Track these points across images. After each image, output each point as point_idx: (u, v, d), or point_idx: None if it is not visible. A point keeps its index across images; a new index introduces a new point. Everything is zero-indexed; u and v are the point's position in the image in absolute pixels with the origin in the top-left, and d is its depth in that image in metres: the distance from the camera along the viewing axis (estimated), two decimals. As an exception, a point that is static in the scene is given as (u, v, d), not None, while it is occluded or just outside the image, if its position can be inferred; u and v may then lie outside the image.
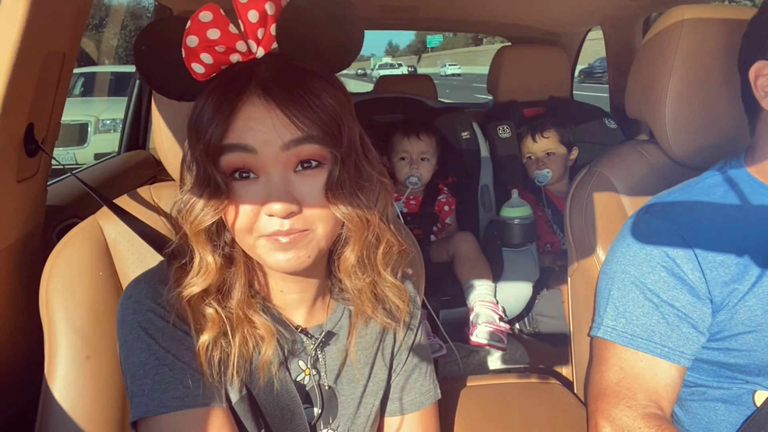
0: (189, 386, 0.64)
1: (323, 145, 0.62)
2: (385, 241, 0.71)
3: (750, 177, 0.89)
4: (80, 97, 6.70)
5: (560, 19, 2.53)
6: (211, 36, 0.61)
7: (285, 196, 0.61)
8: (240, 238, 0.65)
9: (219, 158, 0.61)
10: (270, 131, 0.60)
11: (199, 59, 0.62)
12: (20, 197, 0.93)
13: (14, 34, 0.73)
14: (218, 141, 0.60)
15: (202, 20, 0.61)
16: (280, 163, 0.62)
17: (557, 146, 2.04)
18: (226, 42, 0.62)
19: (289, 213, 0.61)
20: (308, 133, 0.61)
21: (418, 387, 0.83)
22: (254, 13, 0.61)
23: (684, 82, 1.01)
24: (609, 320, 0.89)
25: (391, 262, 0.74)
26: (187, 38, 0.61)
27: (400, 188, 1.97)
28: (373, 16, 2.58)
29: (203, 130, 0.61)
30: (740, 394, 0.86)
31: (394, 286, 0.76)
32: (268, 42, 0.64)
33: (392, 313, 0.78)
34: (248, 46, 0.63)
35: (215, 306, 0.67)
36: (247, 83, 0.61)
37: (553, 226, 2.01)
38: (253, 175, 0.63)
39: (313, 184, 0.63)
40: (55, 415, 0.81)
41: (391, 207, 0.72)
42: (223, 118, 0.60)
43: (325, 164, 0.63)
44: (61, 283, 0.84)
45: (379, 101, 2.23)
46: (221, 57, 0.63)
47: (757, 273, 0.82)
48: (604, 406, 0.85)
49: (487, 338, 1.60)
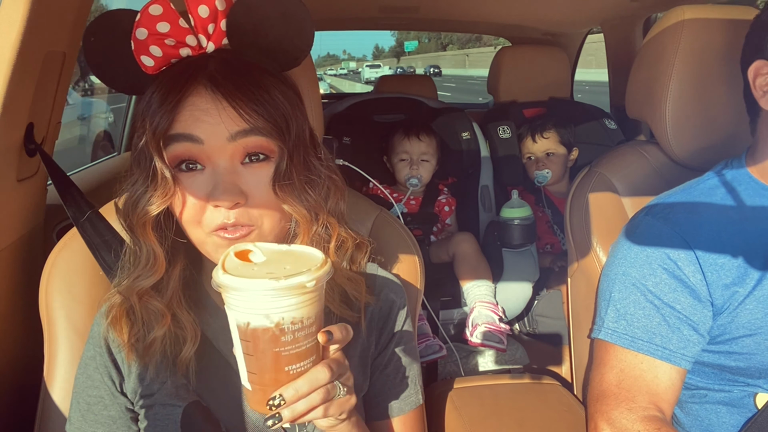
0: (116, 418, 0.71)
1: (270, 137, 0.62)
2: (335, 236, 0.71)
3: (751, 178, 0.89)
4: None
5: (560, 19, 2.53)
6: (160, 29, 0.61)
7: (231, 186, 0.61)
8: (189, 231, 0.66)
9: (165, 148, 0.61)
10: (217, 122, 0.61)
11: (149, 52, 0.62)
12: (20, 197, 0.93)
13: (14, 34, 0.73)
14: (164, 131, 0.61)
15: (152, 13, 0.61)
16: (227, 155, 0.62)
17: (557, 147, 2.04)
18: (176, 35, 0.62)
19: (234, 204, 0.61)
20: (255, 125, 0.61)
21: (398, 392, 0.80)
22: (204, 8, 0.62)
23: (684, 83, 1.00)
24: (610, 322, 0.89)
25: (346, 256, 0.74)
26: (136, 30, 0.61)
27: (400, 189, 1.97)
28: (374, 16, 2.58)
29: (149, 120, 0.61)
30: (741, 396, 0.86)
31: (350, 279, 0.73)
32: (218, 37, 0.64)
33: (352, 305, 0.76)
34: (198, 40, 0.64)
35: (160, 300, 0.68)
36: (195, 75, 0.61)
37: (554, 226, 2.01)
38: (200, 167, 0.63)
39: (259, 177, 0.63)
40: (54, 415, 0.81)
41: (342, 203, 0.72)
42: (170, 108, 0.60)
43: (272, 158, 0.64)
44: (61, 283, 0.84)
45: (379, 101, 2.23)
46: (171, 50, 0.63)
47: (757, 276, 0.82)
48: (604, 408, 0.85)
49: (486, 339, 1.60)
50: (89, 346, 0.73)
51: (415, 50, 53.11)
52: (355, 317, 0.74)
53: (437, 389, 1.10)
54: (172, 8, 0.61)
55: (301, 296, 0.52)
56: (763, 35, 0.84)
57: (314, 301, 0.54)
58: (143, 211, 0.63)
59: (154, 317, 0.68)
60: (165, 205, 0.63)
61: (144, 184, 0.63)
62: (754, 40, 0.86)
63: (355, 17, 2.74)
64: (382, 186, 1.82)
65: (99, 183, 1.59)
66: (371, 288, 0.78)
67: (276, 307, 0.51)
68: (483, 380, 1.14)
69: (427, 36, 53.84)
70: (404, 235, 0.95)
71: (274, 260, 0.56)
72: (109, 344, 0.71)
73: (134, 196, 0.65)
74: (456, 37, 45.31)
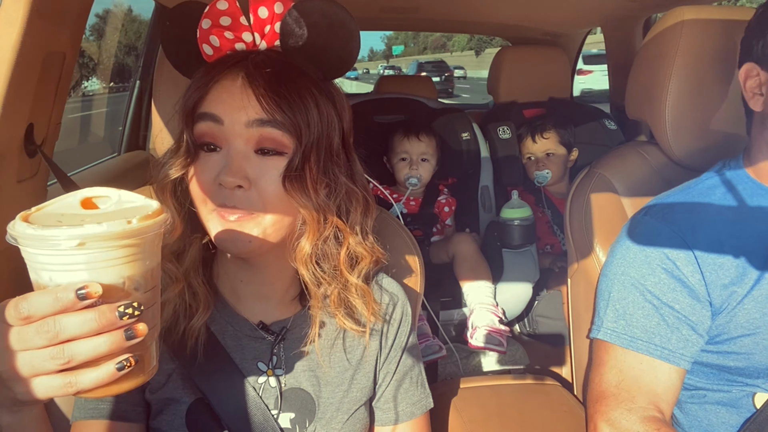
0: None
1: (286, 132, 0.65)
2: (346, 245, 0.72)
3: (748, 178, 0.89)
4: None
5: (560, 20, 2.53)
6: (223, 22, 0.67)
7: (237, 169, 0.64)
8: (197, 206, 0.68)
9: (193, 126, 0.66)
10: (239, 106, 0.64)
11: (209, 41, 0.68)
12: (20, 198, 0.93)
13: (14, 35, 0.73)
14: (192, 107, 0.66)
15: (219, 7, 0.67)
16: (242, 139, 0.65)
17: (557, 147, 2.05)
18: (234, 30, 0.68)
19: (236, 186, 0.63)
20: (273, 117, 0.64)
21: (409, 397, 0.81)
22: (264, 9, 0.67)
23: (684, 83, 1.01)
24: (609, 322, 0.89)
25: (361, 272, 0.74)
26: (203, 20, 0.67)
27: (400, 189, 1.97)
28: (374, 16, 2.58)
29: (185, 96, 0.67)
30: (740, 396, 0.86)
31: (360, 288, 0.74)
32: (271, 38, 0.69)
33: (359, 319, 0.76)
34: (254, 38, 0.69)
35: (176, 266, 0.69)
36: (237, 62, 0.66)
37: (554, 227, 2.01)
38: (219, 148, 0.66)
39: (269, 168, 0.65)
40: (54, 415, 0.81)
41: (368, 219, 0.74)
42: (202, 86, 0.66)
43: (285, 154, 0.66)
44: (61, 284, 0.83)
45: (379, 102, 2.23)
46: (228, 43, 0.68)
47: (756, 276, 0.82)
48: (603, 408, 0.85)
49: (485, 341, 1.60)
50: None
51: (401, 53, 60.89)
52: (359, 331, 0.75)
53: (437, 390, 1.10)
54: (237, 6, 0.67)
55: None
56: (752, 39, 0.85)
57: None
58: (164, 174, 0.67)
59: (169, 280, 0.69)
60: (181, 172, 0.67)
61: (170, 154, 0.69)
62: (746, 42, 0.87)
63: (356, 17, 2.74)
64: (381, 186, 1.82)
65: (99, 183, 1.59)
66: (379, 303, 0.78)
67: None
68: (483, 381, 1.14)
69: (412, 42, 65.61)
70: (404, 235, 0.95)
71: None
72: None
73: (161, 161, 0.69)
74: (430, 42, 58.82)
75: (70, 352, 0.44)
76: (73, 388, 0.45)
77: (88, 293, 0.43)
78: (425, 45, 61.82)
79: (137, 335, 0.45)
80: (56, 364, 0.45)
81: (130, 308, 0.45)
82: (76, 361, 0.45)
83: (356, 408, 0.77)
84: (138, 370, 0.48)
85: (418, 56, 58.07)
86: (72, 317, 0.44)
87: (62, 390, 0.46)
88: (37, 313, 0.44)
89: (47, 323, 0.44)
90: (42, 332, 0.44)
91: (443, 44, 52.54)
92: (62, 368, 0.45)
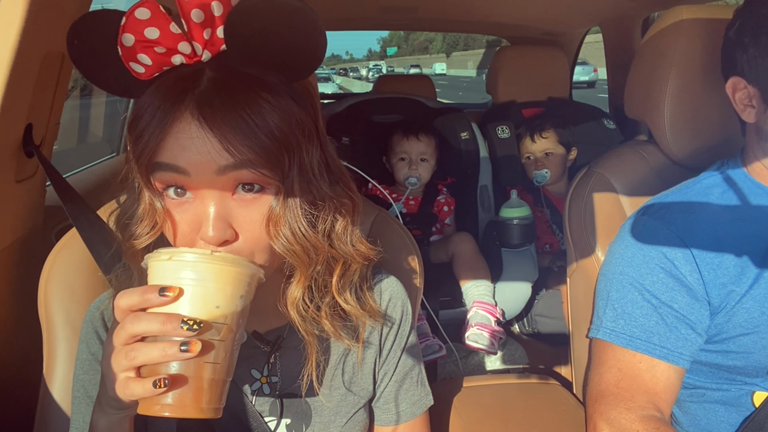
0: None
1: (263, 169, 0.56)
2: (340, 264, 0.66)
3: (747, 177, 0.89)
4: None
5: (559, 19, 2.53)
6: (149, 35, 0.55)
7: (219, 222, 0.56)
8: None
9: (151, 175, 0.57)
10: (203, 153, 0.54)
11: (137, 60, 0.56)
12: (19, 198, 0.93)
13: (13, 34, 0.73)
14: (150, 156, 0.55)
15: (138, 17, 0.54)
16: (216, 187, 0.56)
17: (556, 146, 2.05)
18: (166, 42, 0.56)
19: (223, 241, 0.57)
20: (244, 158, 0.55)
21: (410, 397, 0.81)
22: (198, 12, 0.55)
23: (683, 83, 1.01)
24: (608, 321, 0.89)
25: (351, 282, 0.70)
26: (122, 36, 0.55)
27: (399, 189, 1.97)
28: (374, 16, 2.58)
29: (139, 140, 0.56)
30: (739, 395, 0.86)
31: (353, 307, 0.70)
32: (214, 45, 0.57)
33: (354, 330, 0.73)
34: (193, 47, 0.57)
35: None
36: (184, 95, 0.55)
37: (553, 226, 2.01)
38: (189, 194, 0.58)
39: (252, 213, 0.58)
40: (53, 416, 0.81)
41: (351, 227, 0.67)
42: (156, 132, 0.55)
43: (268, 188, 0.58)
44: (60, 284, 0.83)
45: (378, 101, 2.23)
46: (161, 58, 0.56)
47: (754, 275, 0.82)
48: (602, 408, 0.85)
49: (477, 341, 1.60)
50: (83, 346, 0.71)
51: (394, 54, 66.29)
52: (353, 346, 0.73)
53: (437, 389, 1.09)
54: (162, 12, 0.55)
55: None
56: (734, 52, 0.85)
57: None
58: (130, 243, 0.60)
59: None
60: (152, 239, 0.59)
61: (133, 205, 0.60)
62: (727, 55, 0.87)
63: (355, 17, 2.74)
64: (380, 186, 1.82)
65: (98, 183, 1.59)
66: (378, 303, 0.76)
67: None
68: (483, 380, 1.14)
69: (404, 43, 72.53)
70: (403, 235, 0.95)
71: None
72: (100, 337, 0.70)
73: (122, 219, 0.62)
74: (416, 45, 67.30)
75: (135, 351, 0.51)
76: (128, 391, 0.51)
77: (166, 292, 0.50)
78: (413, 47, 68.75)
79: (190, 350, 0.50)
80: (126, 361, 0.51)
81: (191, 321, 0.50)
82: (138, 360, 0.51)
83: (355, 411, 0.76)
84: (191, 400, 0.52)
85: (407, 57, 64.40)
86: (146, 316, 0.51)
87: (121, 391, 0.52)
88: (128, 306, 0.52)
89: (128, 320, 0.51)
90: (123, 329, 0.51)
91: (426, 47, 60.25)
92: (130, 367, 0.51)
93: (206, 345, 0.51)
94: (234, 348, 0.55)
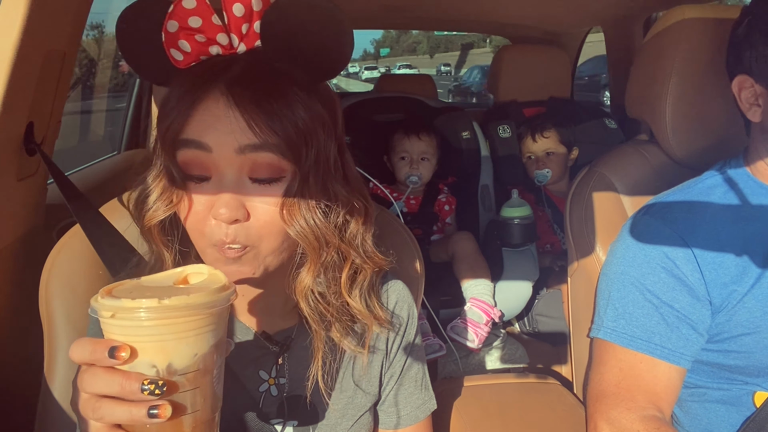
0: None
1: (282, 156, 0.58)
2: (348, 264, 0.67)
3: (749, 177, 0.89)
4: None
5: (561, 18, 2.53)
6: (192, 24, 0.58)
7: (233, 200, 0.58)
8: (193, 238, 0.63)
9: (176, 152, 0.59)
10: (227, 131, 0.57)
11: (178, 46, 0.60)
12: (20, 196, 0.93)
13: (14, 33, 0.73)
14: (176, 134, 0.58)
15: (185, 6, 0.58)
16: (235, 167, 0.58)
17: (557, 146, 2.04)
18: (207, 32, 0.59)
19: (233, 220, 0.58)
20: (265, 140, 0.57)
21: (414, 400, 0.80)
22: (240, 6, 0.58)
23: (685, 82, 1.00)
24: (609, 321, 0.89)
25: (361, 287, 0.70)
26: (167, 22, 0.58)
27: (400, 188, 1.97)
28: (375, 15, 2.58)
29: (164, 119, 0.59)
30: (740, 395, 0.86)
31: (361, 312, 0.71)
32: (251, 39, 0.60)
33: (361, 335, 0.74)
34: (230, 39, 0.60)
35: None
36: (215, 78, 0.58)
37: (554, 226, 2.01)
38: (209, 178, 0.60)
39: (267, 198, 0.60)
40: (54, 415, 0.81)
41: (366, 234, 0.68)
42: (183, 110, 0.58)
43: (283, 178, 0.60)
44: (61, 282, 0.83)
45: (379, 101, 2.23)
46: (200, 47, 0.60)
47: (756, 274, 0.82)
48: (603, 407, 0.85)
49: (458, 334, 1.60)
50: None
51: (387, 55, 68.41)
52: (358, 351, 0.73)
53: (437, 388, 1.09)
54: (207, 4, 0.58)
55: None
56: (742, 51, 0.84)
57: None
58: (148, 215, 0.61)
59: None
60: (170, 212, 0.61)
61: (153, 182, 0.62)
62: (734, 53, 0.87)
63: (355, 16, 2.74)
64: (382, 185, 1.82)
65: (100, 182, 1.59)
66: (385, 307, 0.76)
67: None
68: (483, 379, 1.14)
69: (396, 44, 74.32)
70: (404, 234, 0.95)
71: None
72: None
73: (142, 195, 0.63)
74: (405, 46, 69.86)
75: (101, 410, 0.46)
76: None
77: (117, 353, 0.45)
78: (402, 48, 72.03)
79: (159, 416, 0.45)
80: (95, 419, 0.47)
81: (153, 385, 0.45)
82: (105, 420, 0.46)
83: (361, 414, 0.76)
84: None
85: (397, 57, 66.60)
86: (103, 374, 0.46)
87: None
88: (80, 361, 0.47)
89: (86, 376, 0.47)
90: (82, 379, 0.47)
91: (414, 48, 63.89)
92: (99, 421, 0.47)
93: (177, 406, 0.46)
94: (216, 381, 0.50)
